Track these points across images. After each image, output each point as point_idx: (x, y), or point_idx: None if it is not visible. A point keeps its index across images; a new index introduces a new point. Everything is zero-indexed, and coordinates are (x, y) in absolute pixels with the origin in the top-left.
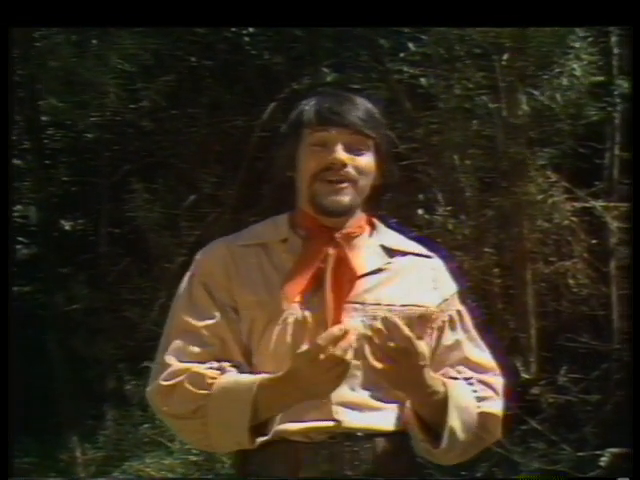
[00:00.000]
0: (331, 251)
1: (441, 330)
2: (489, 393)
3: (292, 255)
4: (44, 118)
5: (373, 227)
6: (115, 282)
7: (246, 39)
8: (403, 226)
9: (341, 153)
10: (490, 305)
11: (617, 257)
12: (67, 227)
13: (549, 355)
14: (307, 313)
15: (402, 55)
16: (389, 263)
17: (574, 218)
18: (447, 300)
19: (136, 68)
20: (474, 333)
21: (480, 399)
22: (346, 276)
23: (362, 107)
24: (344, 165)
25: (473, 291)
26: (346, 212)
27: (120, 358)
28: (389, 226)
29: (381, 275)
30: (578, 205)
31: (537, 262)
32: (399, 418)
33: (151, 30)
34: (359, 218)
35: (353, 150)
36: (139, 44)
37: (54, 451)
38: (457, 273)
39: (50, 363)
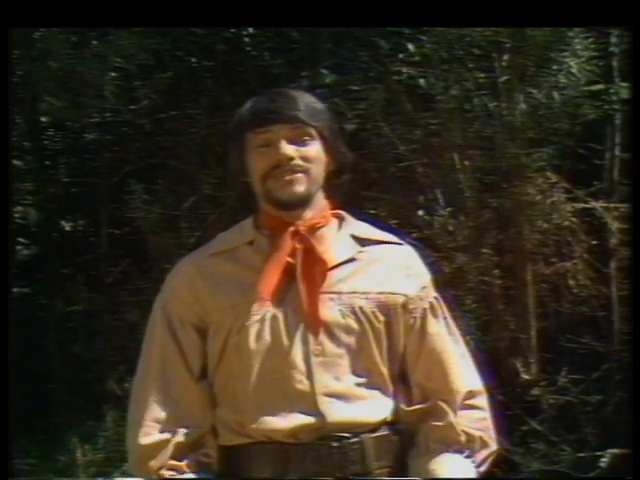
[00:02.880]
0: (298, 245)
1: (424, 318)
2: (486, 451)
3: (260, 254)
4: (44, 119)
5: (341, 220)
6: (115, 283)
7: (246, 40)
8: (402, 226)
9: (286, 147)
10: (490, 306)
11: (617, 258)
12: (67, 228)
13: (549, 356)
14: (284, 309)
15: (401, 56)
16: (361, 252)
17: (574, 219)
18: (425, 288)
19: (136, 69)
20: (450, 320)
21: (479, 464)
22: (317, 267)
23: (297, 100)
24: (291, 159)
25: (473, 292)
26: (304, 202)
27: (120, 359)
28: (358, 218)
29: (354, 264)
30: (578, 206)
31: (537, 263)
32: (383, 407)
33: (151, 30)
34: (322, 208)
35: (297, 142)
36: (138, 44)
37: (54, 452)
38: (428, 260)
39: (50, 364)
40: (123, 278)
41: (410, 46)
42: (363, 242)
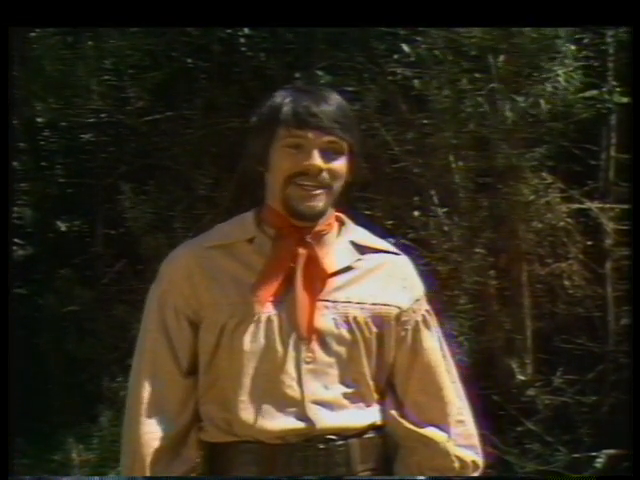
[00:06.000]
0: (301, 250)
1: (417, 331)
2: (477, 473)
3: (260, 256)
4: (40, 120)
5: (342, 223)
6: (111, 283)
7: (241, 41)
8: (397, 227)
9: (317, 159)
10: (485, 306)
11: (613, 258)
12: (63, 228)
13: (545, 357)
14: (279, 313)
15: (396, 57)
16: (359, 260)
17: (569, 219)
18: (419, 300)
19: (131, 69)
20: (440, 333)
21: None
22: (317, 275)
23: (338, 107)
24: (320, 171)
25: (468, 292)
26: (319, 216)
27: (114, 359)
28: (357, 222)
29: (351, 273)
30: (573, 206)
31: (533, 263)
32: (369, 415)
33: (145, 31)
34: (329, 216)
35: (328, 155)
36: (133, 45)
37: (49, 452)
38: (423, 272)
39: (45, 364)
40: (118, 278)
41: (405, 47)
42: (362, 250)
